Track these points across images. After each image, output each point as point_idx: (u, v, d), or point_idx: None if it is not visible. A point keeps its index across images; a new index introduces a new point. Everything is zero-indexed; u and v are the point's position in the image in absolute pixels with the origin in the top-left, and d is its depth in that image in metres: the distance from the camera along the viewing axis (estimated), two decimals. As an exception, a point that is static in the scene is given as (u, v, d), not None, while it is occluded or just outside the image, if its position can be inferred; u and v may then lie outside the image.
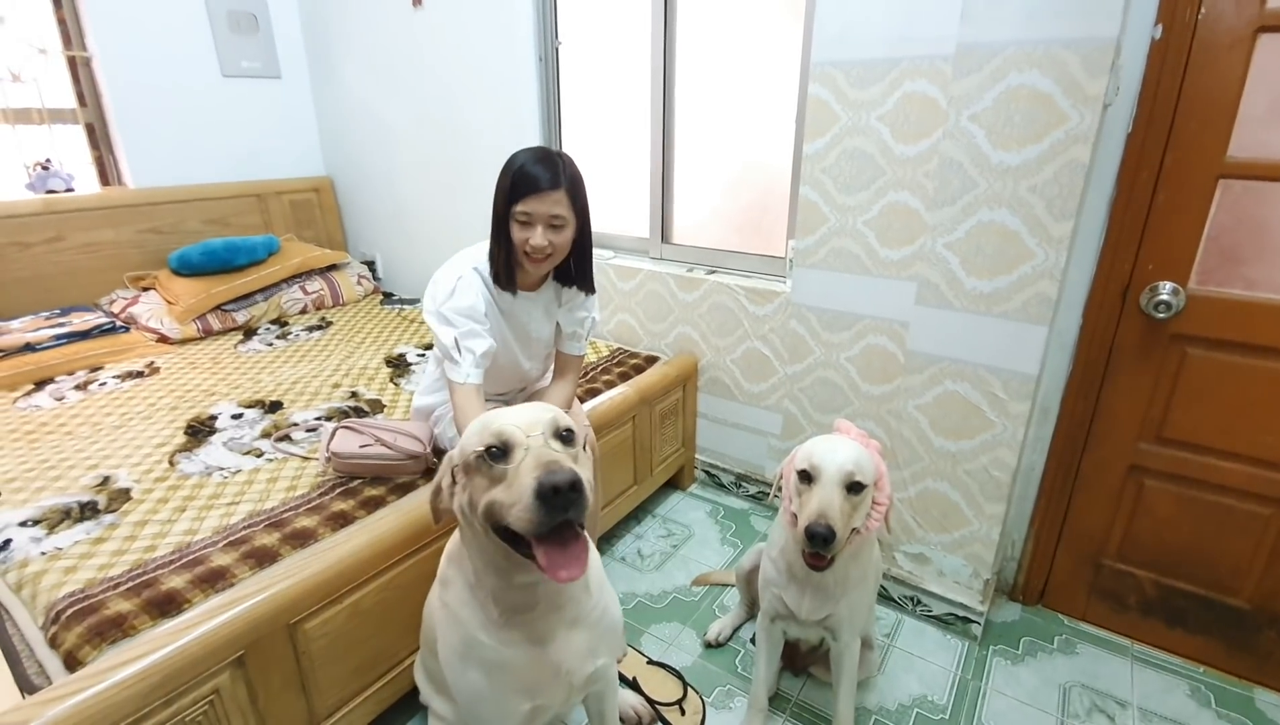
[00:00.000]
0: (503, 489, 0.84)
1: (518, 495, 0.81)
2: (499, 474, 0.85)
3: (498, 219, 1.38)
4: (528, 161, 1.33)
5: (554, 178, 1.32)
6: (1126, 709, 1.56)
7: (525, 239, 1.35)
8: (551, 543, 0.84)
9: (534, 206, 1.32)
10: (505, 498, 0.83)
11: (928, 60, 1.62)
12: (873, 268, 1.86)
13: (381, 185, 3.22)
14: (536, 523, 0.79)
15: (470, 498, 0.89)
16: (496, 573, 0.95)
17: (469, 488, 0.90)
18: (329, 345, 2.52)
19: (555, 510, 0.79)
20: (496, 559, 0.93)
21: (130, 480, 1.55)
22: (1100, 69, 1.29)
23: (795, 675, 1.65)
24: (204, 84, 2.92)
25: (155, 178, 2.83)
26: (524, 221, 1.34)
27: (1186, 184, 1.44)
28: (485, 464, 0.86)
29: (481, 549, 0.94)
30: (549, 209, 1.33)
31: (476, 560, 0.96)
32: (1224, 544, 1.59)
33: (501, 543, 0.89)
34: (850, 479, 1.09)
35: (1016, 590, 1.92)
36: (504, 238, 1.38)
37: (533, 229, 1.34)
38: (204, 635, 1.07)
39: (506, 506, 0.83)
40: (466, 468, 0.90)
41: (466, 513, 0.91)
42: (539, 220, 1.33)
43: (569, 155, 1.38)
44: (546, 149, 1.37)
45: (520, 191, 1.32)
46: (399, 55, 2.85)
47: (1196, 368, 1.53)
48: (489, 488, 0.86)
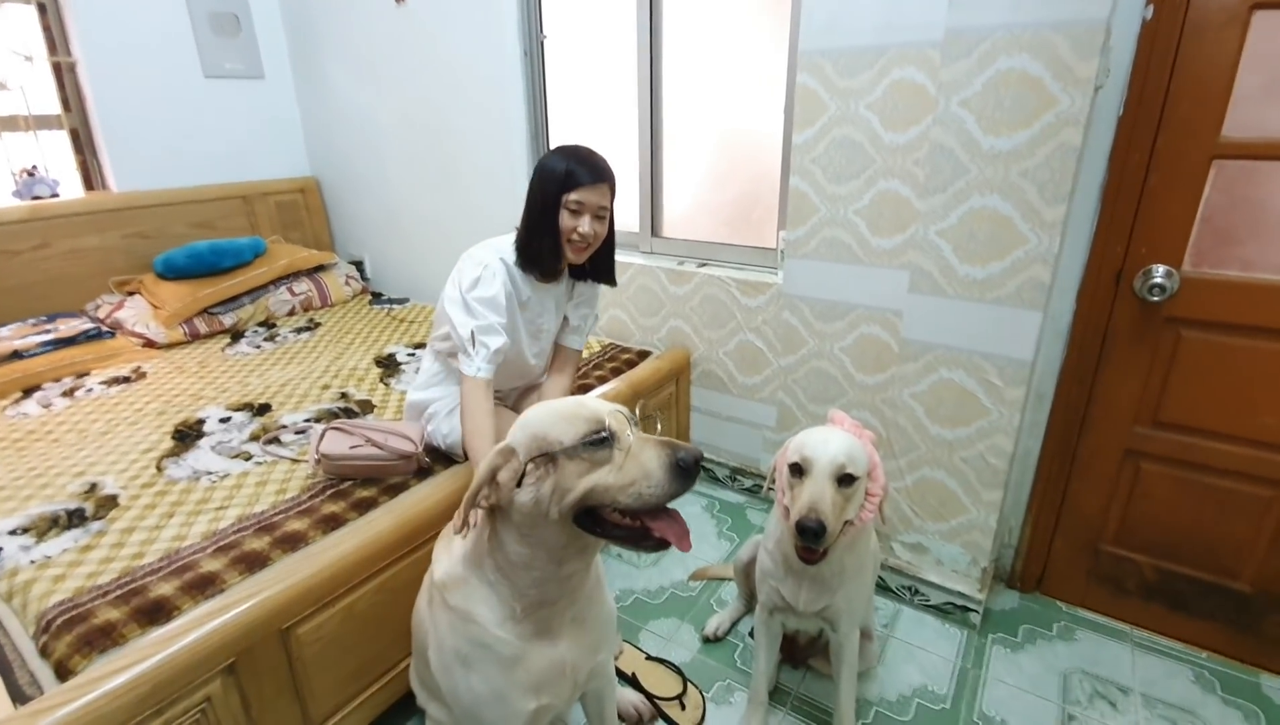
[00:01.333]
0: (610, 472, 0.87)
1: (641, 473, 0.86)
2: (602, 458, 0.88)
3: (541, 210, 1.42)
4: (575, 158, 1.41)
5: (600, 172, 1.42)
6: (1129, 695, 1.56)
7: (574, 226, 1.41)
8: (663, 518, 0.90)
9: (586, 196, 1.40)
10: (618, 479, 0.86)
11: (915, 47, 1.60)
12: (864, 257, 1.84)
13: (368, 185, 3.19)
14: (671, 493, 0.86)
15: (556, 486, 0.89)
16: (547, 562, 0.94)
17: (553, 476, 0.89)
18: (318, 346, 2.50)
19: (688, 481, 0.86)
20: (554, 549, 0.93)
21: (117, 487, 1.53)
22: (1090, 51, 1.28)
23: (795, 668, 1.64)
24: (187, 86, 2.89)
25: (140, 182, 2.80)
26: (575, 210, 1.41)
27: (1179, 165, 1.43)
28: (588, 451, 0.88)
29: (540, 540, 0.92)
30: (599, 200, 1.42)
31: (521, 552, 0.93)
32: (1224, 527, 1.59)
33: (574, 529, 0.91)
34: (841, 471, 1.08)
35: (1014, 578, 1.91)
36: (550, 224, 1.42)
37: (582, 217, 1.42)
38: (194, 643, 1.05)
39: (620, 487, 0.86)
40: (552, 458, 0.89)
41: (544, 503, 0.89)
42: (589, 210, 1.41)
43: (602, 154, 1.46)
44: (587, 147, 1.45)
45: (575, 181, 1.39)
46: (382, 53, 2.82)
47: (1192, 350, 1.52)
48: (587, 472, 0.87)
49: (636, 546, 0.91)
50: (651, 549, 0.90)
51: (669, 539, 0.89)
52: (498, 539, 0.96)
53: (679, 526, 0.90)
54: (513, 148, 2.55)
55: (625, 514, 0.89)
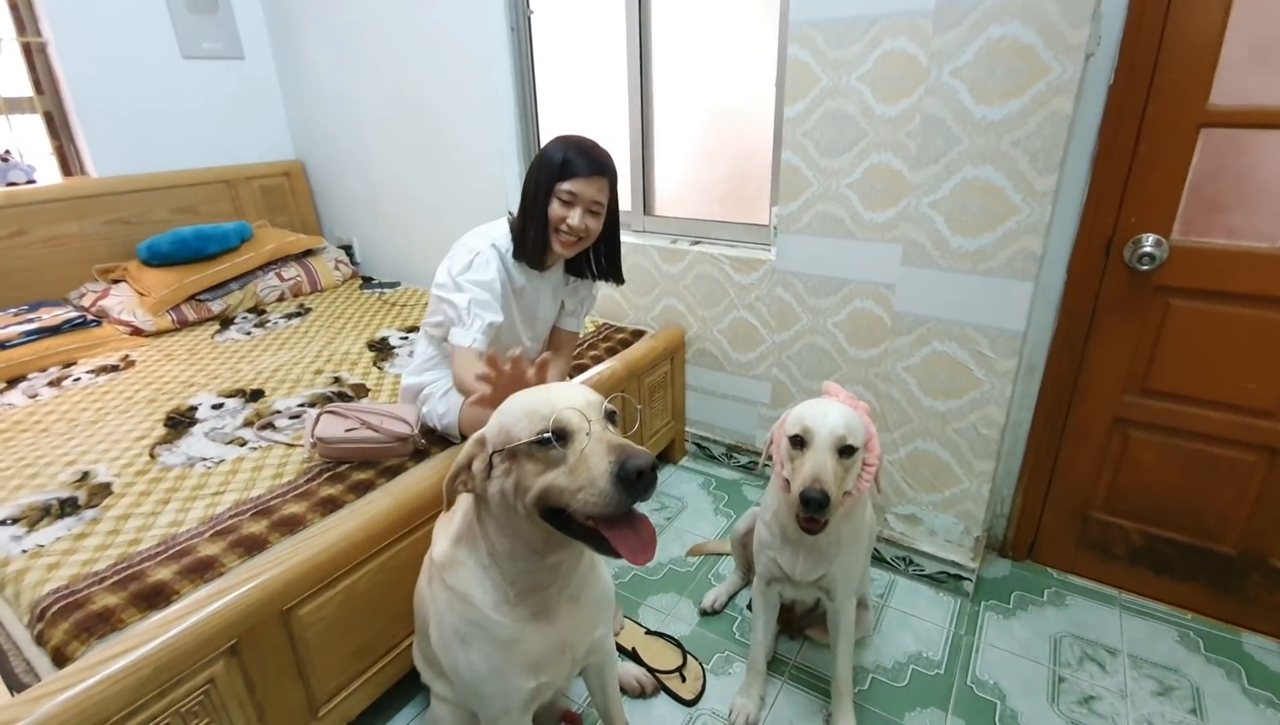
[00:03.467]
0: (563, 474, 0.82)
1: (588, 479, 0.80)
2: (556, 458, 0.83)
3: (534, 196, 1.40)
4: (578, 145, 1.38)
5: (601, 166, 1.39)
6: (1117, 657, 1.60)
7: (563, 217, 1.39)
8: (623, 526, 0.83)
9: (580, 188, 1.37)
10: (568, 482, 0.81)
11: (906, 16, 1.59)
12: (857, 231, 1.84)
13: (355, 167, 3.15)
14: (616, 505, 0.79)
15: (518, 482, 0.87)
16: (529, 554, 0.93)
17: (515, 472, 0.87)
18: (309, 332, 2.47)
19: (634, 492, 0.78)
20: (533, 541, 0.92)
21: (110, 474, 1.52)
22: (1082, 17, 1.27)
23: (791, 639, 1.67)
24: (164, 67, 2.82)
25: (119, 166, 2.74)
26: (566, 201, 1.38)
27: (1168, 134, 1.43)
28: (539, 449, 0.84)
29: (517, 532, 0.92)
30: (593, 193, 1.39)
31: (504, 542, 0.94)
32: (1209, 492, 1.62)
33: (546, 525, 0.88)
34: (842, 443, 1.09)
35: (1006, 546, 1.94)
36: (540, 212, 1.40)
37: (573, 209, 1.39)
38: (195, 625, 1.05)
39: (570, 491, 0.81)
40: (512, 453, 0.87)
41: (510, 498, 0.88)
42: (581, 202, 1.39)
43: (605, 149, 1.43)
44: (589, 139, 1.41)
45: (569, 171, 1.36)
46: (365, 32, 2.76)
47: (1180, 318, 1.54)
48: (543, 472, 0.84)
49: (597, 549, 0.86)
50: (609, 554, 0.84)
51: (620, 551, 0.82)
52: (484, 528, 0.96)
53: (636, 538, 0.83)
54: (501, 126, 2.52)
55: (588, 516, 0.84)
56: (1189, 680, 1.53)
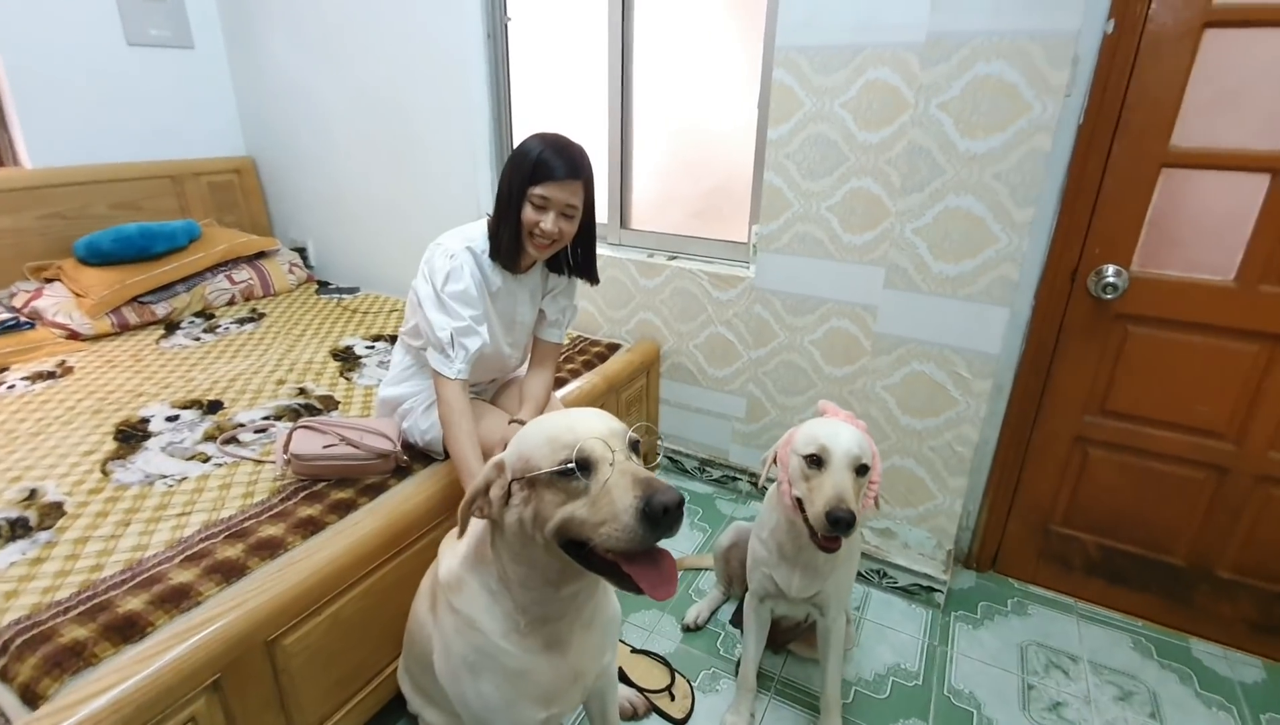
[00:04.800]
0: (585, 506, 0.79)
1: (611, 513, 0.77)
2: (577, 489, 0.80)
3: (508, 198, 1.36)
4: (550, 149, 1.33)
5: (575, 168, 1.34)
6: (1079, 664, 1.68)
7: (536, 222, 1.35)
8: (644, 562, 0.81)
9: (553, 192, 1.33)
10: (590, 515, 0.79)
11: (890, 48, 1.65)
12: (835, 253, 1.89)
13: (311, 167, 3.02)
14: (639, 542, 0.76)
15: (537, 512, 0.84)
16: (545, 584, 0.91)
17: (534, 501, 0.84)
18: (265, 338, 2.36)
19: (660, 529, 0.76)
20: (549, 572, 0.89)
21: (60, 493, 1.40)
22: (1063, 60, 1.35)
23: (775, 653, 1.68)
24: (107, 54, 2.64)
25: (56, 157, 2.55)
26: (539, 205, 1.34)
27: (1132, 172, 1.53)
28: (561, 479, 0.81)
29: (533, 561, 0.89)
30: (566, 197, 1.34)
31: (517, 570, 0.91)
32: (1161, 507, 1.73)
33: (564, 556, 0.85)
34: (858, 462, 1.12)
35: (971, 558, 2.02)
36: (513, 216, 1.36)
37: (546, 214, 1.35)
38: (177, 660, 0.98)
39: (592, 524, 0.78)
40: (532, 482, 0.84)
41: (528, 527, 0.85)
42: (554, 206, 1.35)
43: (583, 147, 1.39)
44: (566, 138, 1.37)
45: (542, 175, 1.32)
46: (331, 27, 2.66)
47: (1138, 344, 1.64)
48: (564, 502, 0.81)
49: (617, 584, 0.83)
50: (629, 590, 0.81)
51: (641, 586, 0.79)
52: (497, 553, 0.93)
53: (657, 573, 0.80)
54: (474, 131, 2.47)
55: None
56: (1146, 685, 1.62)
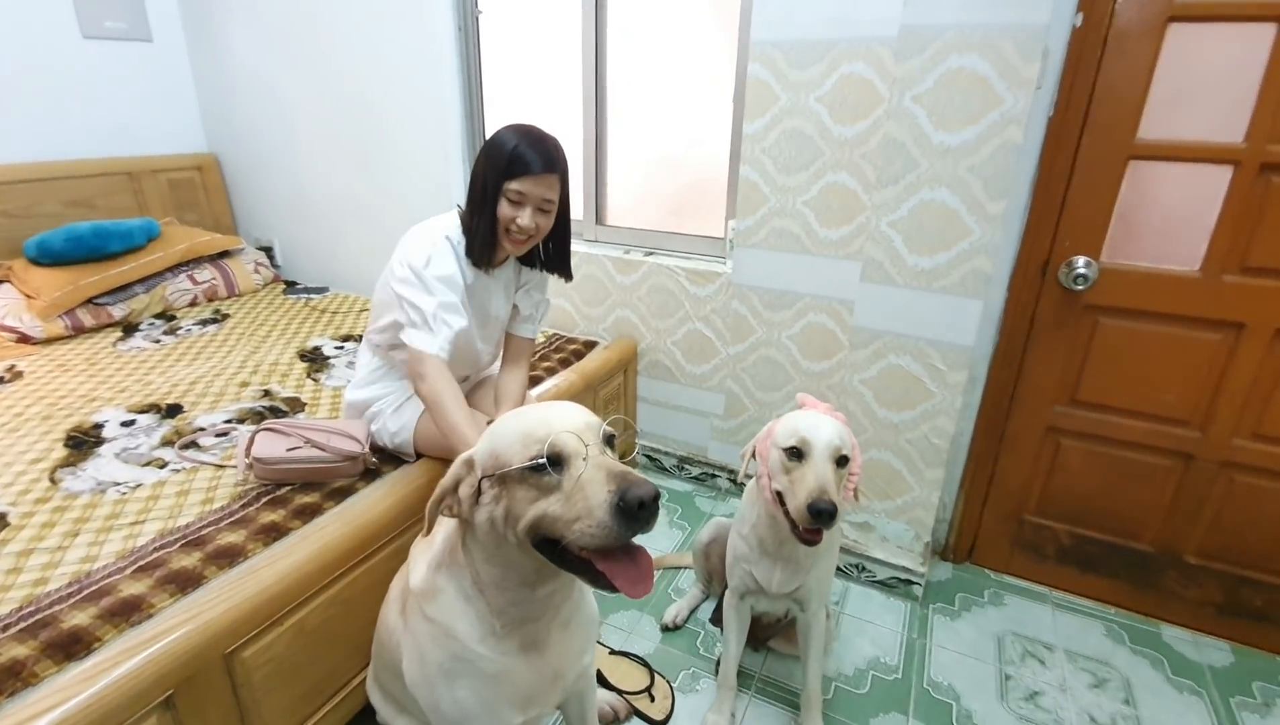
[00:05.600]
0: (558, 502, 0.77)
1: (585, 509, 0.75)
2: (550, 485, 0.78)
3: (482, 193, 1.32)
4: (525, 141, 1.29)
5: (550, 162, 1.30)
6: (1054, 652, 1.70)
7: (513, 217, 1.31)
8: (620, 558, 0.79)
9: (528, 187, 1.29)
10: (564, 512, 0.76)
11: (864, 42, 1.65)
12: (812, 247, 1.89)
13: (277, 164, 2.94)
14: (615, 537, 0.74)
15: (509, 510, 0.81)
16: (518, 585, 0.88)
17: (505, 499, 0.81)
18: (228, 340, 2.28)
19: (635, 524, 0.73)
20: (523, 572, 0.87)
21: (5, 503, 1.33)
22: (1033, 54, 1.35)
23: (756, 651, 1.67)
24: (60, 46, 2.54)
25: (4, 154, 2.43)
26: (515, 201, 1.31)
27: (1100, 164, 1.54)
28: (533, 475, 0.78)
29: (507, 562, 0.86)
30: (542, 192, 1.31)
31: (491, 571, 0.88)
32: (1130, 494, 1.75)
33: (538, 556, 0.83)
34: (838, 453, 1.10)
35: (948, 550, 2.03)
36: (488, 212, 1.32)
37: (522, 209, 1.31)
38: (123, 677, 0.92)
39: (566, 521, 0.76)
40: (503, 478, 0.81)
41: (499, 526, 0.82)
42: (530, 201, 1.31)
43: (558, 139, 1.35)
44: (540, 130, 1.33)
45: (517, 170, 1.28)
46: (295, 19, 2.59)
47: (1106, 335, 1.66)
48: (536, 499, 0.79)
49: (592, 583, 0.81)
50: (604, 588, 0.79)
51: (617, 584, 0.78)
52: (469, 555, 0.90)
53: (634, 569, 0.79)
54: (445, 127, 2.42)
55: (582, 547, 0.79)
56: (1119, 672, 1.64)
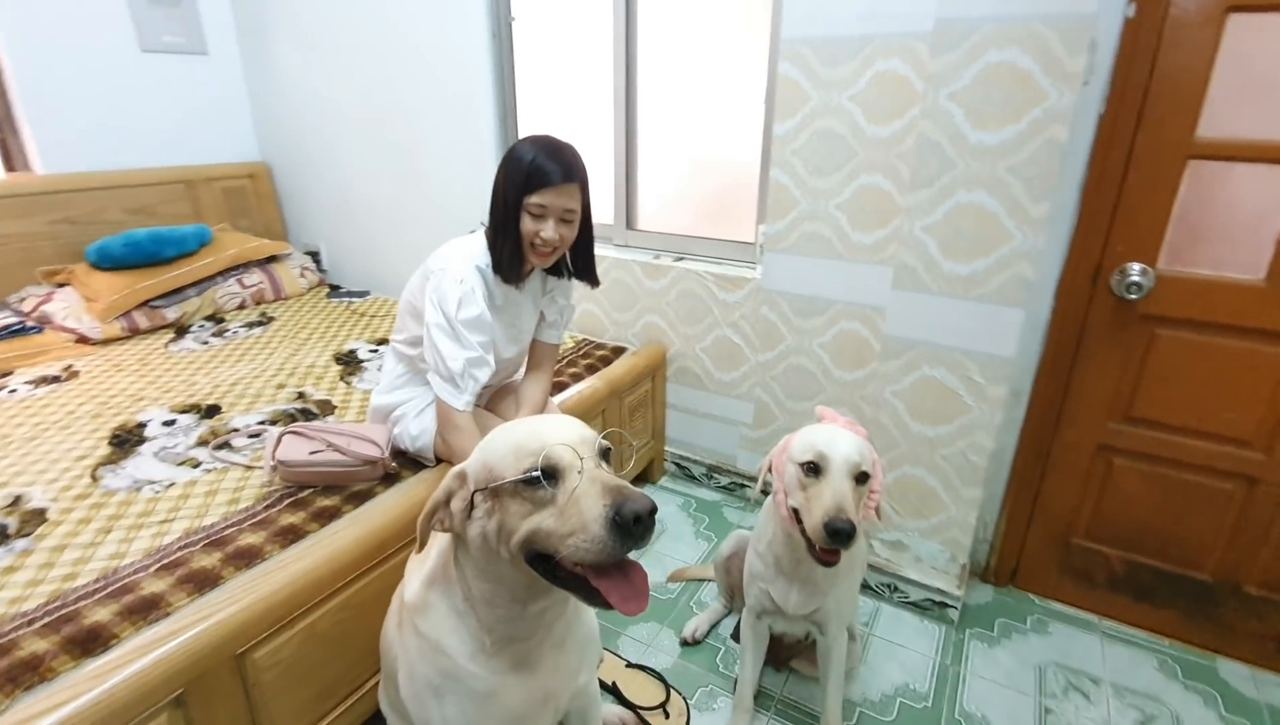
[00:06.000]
0: (552, 516, 0.76)
1: (579, 523, 0.73)
2: (544, 499, 0.77)
3: (504, 210, 1.31)
4: (542, 153, 1.27)
5: (569, 171, 1.28)
6: (1100, 686, 1.58)
7: (536, 231, 1.30)
8: (614, 574, 0.77)
9: (549, 200, 1.28)
10: (558, 526, 0.75)
11: (900, 38, 1.58)
12: (845, 252, 1.82)
13: (324, 171, 3.03)
14: (609, 553, 0.72)
15: (501, 524, 0.80)
16: (511, 601, 0.87)
17: (498, 513, 0.80)
18: (271, 342, 2.35)
19: (631, 540, 0.72)
20: (515, 588, 0.85)
21: (46, 499, 1.39)
22: (1079, 46, 1.27)
23: (777, 671, 1.61)
24: (120, 60, 2.67)
25: (68, 163, 2.58)
26: (537, 214, 1.30)
27: (1157, 164, 1.44)
28: (526, 489, 0.77)
29: (499, 577, 0.85)
30: (563, 203, 1.29)
31: (482, 587, 0.87)
32: (1189, 519, 1.62)
33: (530, 571, 0.81)
34: (858, 469, 1.05)
35: (988, 572, 1.93)
36: (511, 228, 1.31)
37: (545, 222, 1.30)
38: (136, 675, 0.94)
39: (560, 535, 0.75)
40: (496, 492, 0.80)
41: (492, 540, 0.81)
42: (552, 213, 1.30)
43: (575, 146, 1.33)
44: (556, 139, 1.31)
45: (535, 183, 1.27)
46: (340, 30, 2.66)
47: (1165, 347, 1.54)
48: (530, 513, 0.77)
49: (586, 600, 0.79)
50: (599, 606, 0.77)
51: (611, 601, 0.76)
52: (461, 570, 0.89)
53: (628, 586, 0.77)
54: (480, 134, 2.44)
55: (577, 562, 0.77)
56: (1169, 709, 1.52)
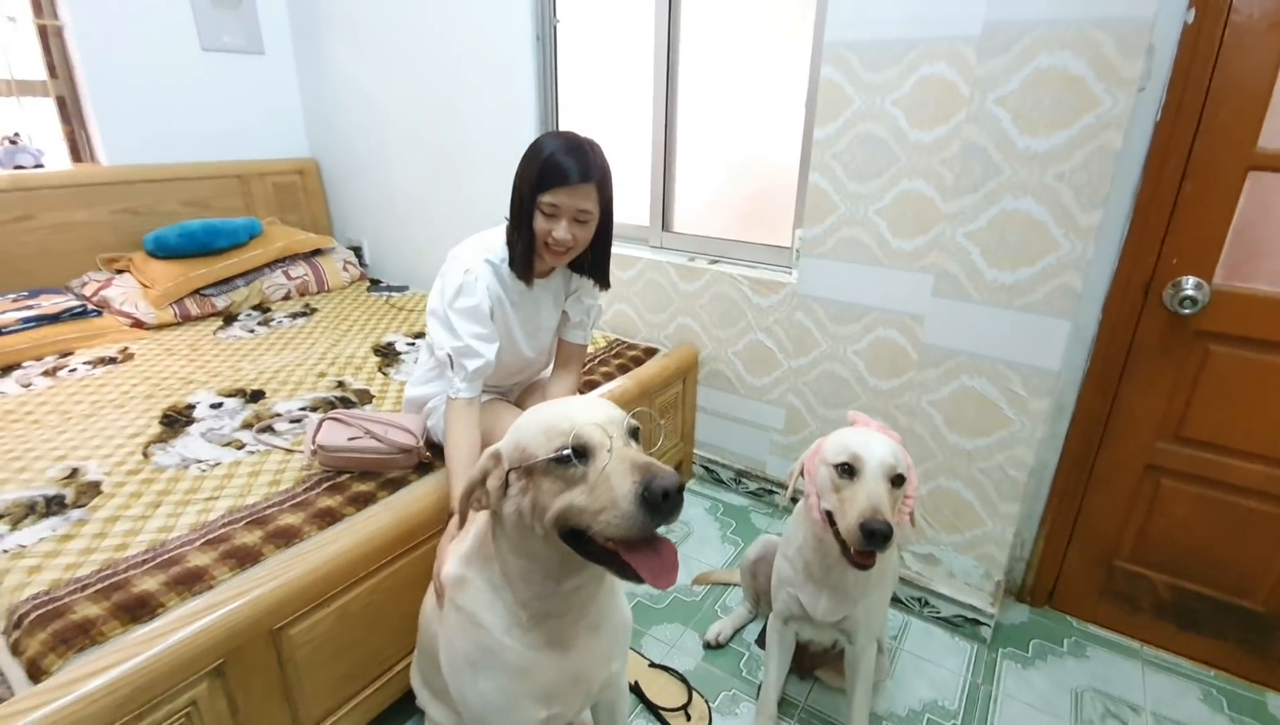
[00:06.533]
0: (583, 493, 0.77)
1: (609, 500, 0.75)
2: (575, 477, 0.79)
3: (519, 206, 1.30)
4: (558, 150, 1.24)
5: (585, 170, 1.24)
6: (1140, 714, 1.53)
7: (549, 231, 1.28)
8: (644, 549, 0.79)
9: (562, 199, 1.24)
10: (589, 503, 0.77)
11: (946, 42, 1.56)
12: (884, 258, 1.80)
13: (369, 169, 3.11)
14: (639, 528, 0.74)
15: (535, 501, 0.82)
16: (545, 578, 0.88)
17: (532, 491, 0.82)
18: (314, 333, 2.42)
19: (660, 515, 0.74)
20: (549, 564, 0.87)
21: (101, 473, 1.45)
22: (1135, 50, 1.23)
23: (802, 680, 1.59)
24: (182, 58, 2.79)
25: (130, 156, 2.70)
26: (550, 213, 1.27)
27: (1215, 175, 1.39)
28: (558, 467, 0.79)
29: (533, 553, 0.87)
30: (577, 202, 1.25)
31: (518, 563, 0.89)
32: (1241, 546, 1.56)
33: (564, 547, 0.83)
34: (893, 472, 1.04)
35: (1024, 591, 1.87)
36: (525, 226, 1.30)
37: (558, 222, 1.27)
38: (180, 643, 0.98)
39: (591, 512, 0.76)
40: (529, 471, 0.82)
41: (526, 517, 0.83)
42: (565, 213, 1.26)
43: (598, 144, 1.29)
44: (577, 136, 1.27)
45: (549, 182, 1.23)
46: (389, 33, 2.73)
47: (1219, 365, 1.49)
48: (562, 491, 0.79)
49: (619, 574, 0.81)
50: (631, 579, 0.79)
51: (642, 575, 0.77)
52: (498, 547, 0.91)
53: (659, 560, 0.78)
54: (521, 136, 2.48)
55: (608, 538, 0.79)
56: (1218, 745, 1.46)
